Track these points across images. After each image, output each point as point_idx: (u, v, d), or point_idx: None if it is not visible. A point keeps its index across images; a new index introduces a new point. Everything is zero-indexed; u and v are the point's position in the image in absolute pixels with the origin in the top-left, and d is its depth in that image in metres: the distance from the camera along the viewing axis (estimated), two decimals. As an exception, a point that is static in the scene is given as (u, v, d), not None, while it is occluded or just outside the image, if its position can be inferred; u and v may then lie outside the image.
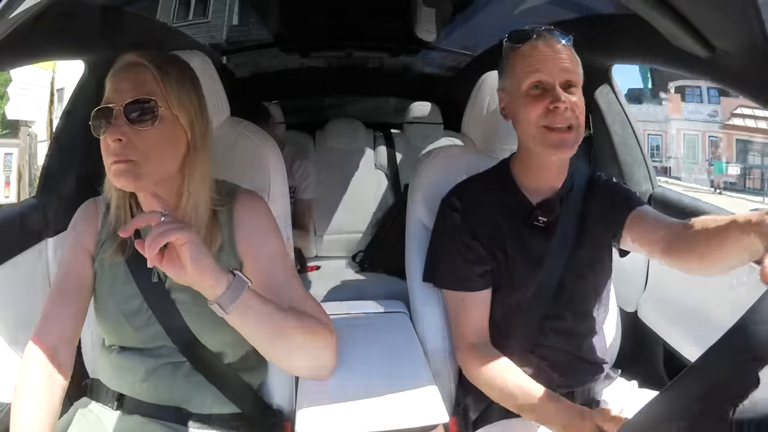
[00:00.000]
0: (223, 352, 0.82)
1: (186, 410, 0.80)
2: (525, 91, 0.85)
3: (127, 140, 0.70)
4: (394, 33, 2.16)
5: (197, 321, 0.79)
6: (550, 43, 0.86)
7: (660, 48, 0.89)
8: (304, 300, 0.80)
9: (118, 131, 0.70)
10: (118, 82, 0.74)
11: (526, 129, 0.86)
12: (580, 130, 0.86)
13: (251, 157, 1.03)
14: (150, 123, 0.72)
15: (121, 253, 0.80)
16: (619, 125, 1.31)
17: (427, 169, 1.08)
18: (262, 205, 0.84)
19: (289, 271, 0.82)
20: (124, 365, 0.82)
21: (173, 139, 0.75)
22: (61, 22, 1.02)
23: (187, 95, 0.77)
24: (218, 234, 0.79)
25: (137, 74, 0.74)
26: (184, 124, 0.76)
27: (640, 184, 1.30)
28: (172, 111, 0.74)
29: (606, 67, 1.29)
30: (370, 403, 0.79)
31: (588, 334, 0.91)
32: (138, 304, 0.80)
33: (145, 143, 0.72)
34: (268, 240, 0.82)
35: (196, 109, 0.78)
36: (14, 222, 1.13)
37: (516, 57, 0.88)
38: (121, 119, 0.71)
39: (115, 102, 0.72)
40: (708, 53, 0.78)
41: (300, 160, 2.02)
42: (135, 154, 0.71)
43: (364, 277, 1.93)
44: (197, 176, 0.77)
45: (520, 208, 0.91)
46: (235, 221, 0.81)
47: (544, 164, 0.90)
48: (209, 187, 0.79)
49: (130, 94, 0.72)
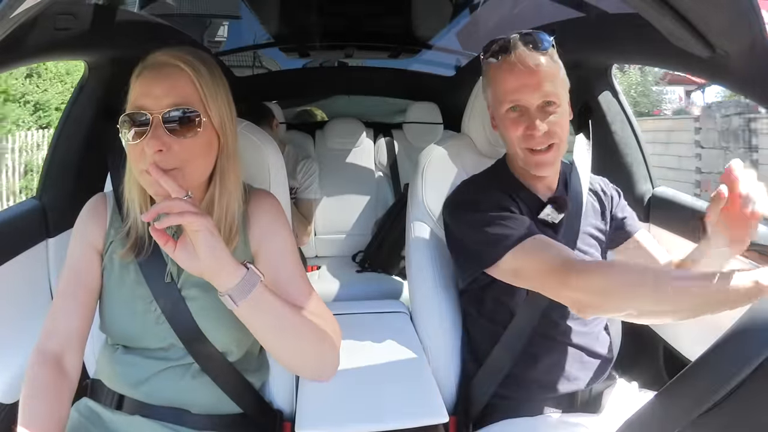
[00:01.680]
0: (229, 350, 0.82)
1: (187, 411, 0.80)
2: (504, 113, 0.86)
3: (168, 150, 0.68)
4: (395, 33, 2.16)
5: (206, 319, 0.78)
6: (528, 58, 0.82)
7: (660, 48, 0.89)
8: (310, 298, 0.80)
9: (158, 142, 0.67)
10: (150, 85, 0.70)
11: (511, 147, 0.89)
12: (563, 146, 0.87)
13: (251, 156, 1.03)
14: (193, 133, 0.70)
15: (134, 253, 0.79)
16: (619, 125, 1.31)
17: (426, 169, 1.08)
18: (273, 202, 0.85)
19: (297, 268, 0.82)
20: (127, 366, 0.81)
21: (209, 144, 0.74)
22: (61, 22, 1.02)
23: (222, 98, 0.75)
24: (238, 232, 0.79)
25: (172, 77, 0.71)
26: (218, 128, 0.75)
27: (640, 183, 1.30)
28: (210, 117, 0.73)
29: (606, 67, 1.29)
30: (370, 403, 0.79)
31: (591, 333, 0.91)
32: (148, 304, 0.79)
33: (185, 152, 0.70)
34: (279, 236, 0.82)
35: (228, 112, 0.76)
36: (14, 222, 1.14)
37: (494, 73, 0.87)
38: (160, 129, 0.68)
39: (149, 108, 0.69)
40: (708, 53, 0.78)
41: (303, 160, 2.02)
42: (176, 162, 0.69)
43: (364, 277, 1.93)
44: (231, 179, 0.77)
45: (530, 201, 0.91)
46: (248, 218, 0.81)
47: (533, 173, 0.91)
48: (240, 189, 0.79)
49: (167, 101, 0.69)
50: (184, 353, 0.79)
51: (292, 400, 0.93)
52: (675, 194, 1.22)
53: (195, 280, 0.78)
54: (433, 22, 2.10)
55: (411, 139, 2.34)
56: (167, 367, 0.80)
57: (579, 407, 0.88)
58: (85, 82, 1.27)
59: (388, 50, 2.38)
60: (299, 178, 1.98)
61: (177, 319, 0.78)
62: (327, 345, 0.77)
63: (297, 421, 0.76)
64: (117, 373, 0.82)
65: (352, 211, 2.18)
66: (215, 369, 0.80)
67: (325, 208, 2.14)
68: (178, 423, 0.79)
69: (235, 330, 0.76)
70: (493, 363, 0.89)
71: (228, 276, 0.67)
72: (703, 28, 0.73)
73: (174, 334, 0.78)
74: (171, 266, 0.79)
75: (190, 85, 0.71)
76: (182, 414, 0.79)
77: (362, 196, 2.21)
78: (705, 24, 0.73)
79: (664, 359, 1.17)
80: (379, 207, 2.19)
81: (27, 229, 1.16)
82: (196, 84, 0.71)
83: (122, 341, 0.82)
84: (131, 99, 0.71)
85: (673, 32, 0.79)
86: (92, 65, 1.24)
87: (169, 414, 0.79)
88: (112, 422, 0.81)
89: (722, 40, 0.74)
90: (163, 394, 0.80)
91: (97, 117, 1.25)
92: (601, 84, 1.31)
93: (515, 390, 0.88)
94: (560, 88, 0.86)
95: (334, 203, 2.17)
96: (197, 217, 0.64)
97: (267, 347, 0.77)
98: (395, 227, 1.92)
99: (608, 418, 0.86)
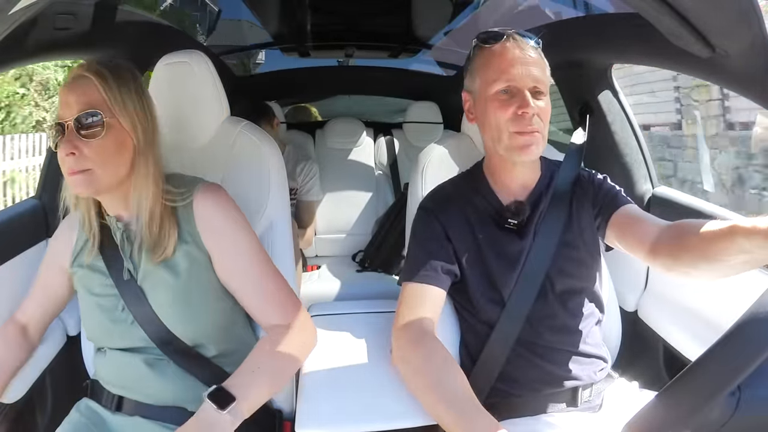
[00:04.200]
0: (201, 344, 0.84)
1: (186, 410, 0.80)
2: (493, 95, 0.86)
3: (79, 153, 0.75)
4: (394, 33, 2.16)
5: (168, 314, 0.81)
6: (520, 44, 0.86)
7: (660, 48, 0.89)
8: (269, 291, 0.85)
9: (70, 145, 0.75)
10: (65, 95, 0.77)
11: (495, 132, 0.88)
12: (544, 140, 0.88)
13: (251, 156, 1.03)
14: (99, 134, 0.76)
15: (99, 254, 0.84)
16: (619, 125, 1.31)
17: (426, 168, 1.08)
18: (219, 197, 0.85)
19: (260, 265, 0.85)
20: (118, 366, 0.83)
21: (121, 145, 0.79)
22: (61, 22, 1.02)
23: (130, 100, 0.80)
24: (174, 228, 0.82)
25: (82, 86, 0.77)
26: (129, 129, 0.80)
27: (640, 183, 1.30)
28: (117, 119, 0.78)
29: (606, 67, 1.29)
30: (370, 403, 0.79)
31: (584, 331, 0.91)
32: (115, 301, 0.82)
33: (95, 153, 0.76)
34: (232, 233, 0.84)
35: (139, 113, 0.81)
36: (14, 222, 1.13)
37: (485, 58, 0.89)
38: (72, 133, 0.75)
39: (63, 117, 0.76)
40: (708, 53, 0.78)
41: (303, 161, 2.01)
42: (88, 164, 0.76)
43: (364, 276, 1.93)
44: (142, 175, 0.81)
45: (491, 209, 0.93)
46: (195, 215, 0.83)
47: (511, 166, 0.92)
48: (154, 184, 0.82)
49: (77, 108, 0.76)
50: (155, 347, 0.81)
51: (292, 400, 0.93)
52: (675, 194, 1.22)
53: (153, 275, 0.81)
54: (433, 22, 2.10)
55: (411, 138, 2.34)
56: (148, 365, 0.81)
57: (579, 406, 0.88)
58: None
59: (388, 50, 2.38)
60: (299, 179, 1.98)
61: (142, 315, 0.81)
62: (302, 353, 0.85)
63: (297, 420, 0.76)
64: (109, 374, 0.84)
65: (353, 211, 2.18)
66: (195, 366, 0.82)
67: (325, 207, 2.14)
68: (178, 423, 0.79)
69: (202, 326, 0.81)
70: (485, 361, 0.89)
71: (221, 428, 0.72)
72: (703, 28, 0.73)
73: (144, 335, 0.81)
74: (127, 263, 0.82)
75: (96, 91, 0.77)
76: (181, 413, 0.79)
77: (362, 195, 2.21)
78: (705, 24, 0.73)
79: (664, 359, 1.17)
80: (379, 207, 2.19)
81: (27, 229, 1.16)
82: (101, 89, 0.77)
83: (104, 343, 0.85)
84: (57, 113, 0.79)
85: (673, 32, 0.79)
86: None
87: (168, 414, 0.80)
88: (112, 423, 0.81)
89: (722, 40, 0.74)
90: (155, 392, 0.81)
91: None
92: (601, 84, 1.31)
93: (515, 390, 0.88)
94: (547, 82, 0.88)
95: (335, 203, 2.17)
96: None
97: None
98: (395, 227, 1.93)
99: (608, 417, 0.86)
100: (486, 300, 0.88)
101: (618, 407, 0.86)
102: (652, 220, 0.85)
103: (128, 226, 0.84)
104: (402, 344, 0.84)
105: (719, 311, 0.99)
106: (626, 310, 1.24)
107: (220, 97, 1.02)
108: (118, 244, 0.83)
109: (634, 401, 0.84)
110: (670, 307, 1.14)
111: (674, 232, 0.77)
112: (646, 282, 1.24)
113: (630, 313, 1.24)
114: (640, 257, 0.84)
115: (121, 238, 0.83)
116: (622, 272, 1.18)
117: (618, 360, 1.06)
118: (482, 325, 0.91)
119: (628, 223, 0.88)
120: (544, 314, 0.88)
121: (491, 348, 0.88)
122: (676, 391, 0.55)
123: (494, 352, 0.88)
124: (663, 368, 1.17)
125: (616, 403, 0.88)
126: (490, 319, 0.89)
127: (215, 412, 0.72)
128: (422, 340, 0.82)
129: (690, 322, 1.06)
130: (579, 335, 0.90)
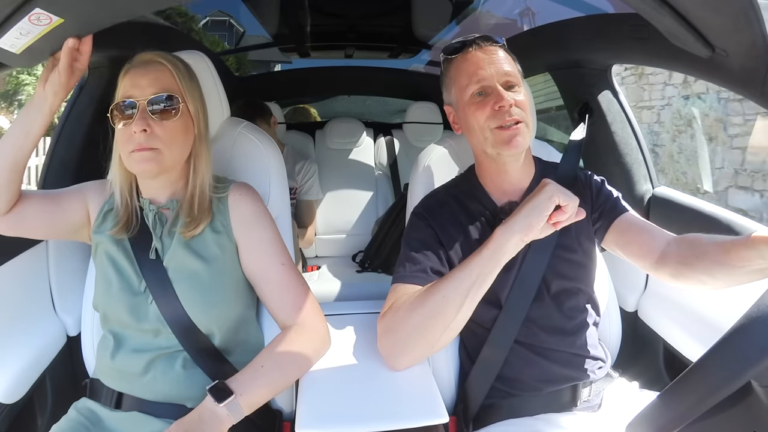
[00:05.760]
0: (210, 331, 0.85)
1: (185, 408, 0.80)
2: (469, 99, 0.89)
3: (150, 131, 0.80)
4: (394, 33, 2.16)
5: (190, 299, 0.83)
6: (484, 47, 0.90)
7: (660, 48, 0.89)
8: (290, 287, 0.87)
9: (143, 123, 0.80)
10: (137, 78, 0.82)
11: (479, 134, 0.89)
12: (529, 131, 0.89)
13: (251, 156, 1.03)
14: (173, 116, 0.82)
15: (126, 232, 0.86)
16: (619, 125, 1.31)
17: (426, 169, 1.08)
18: (252, 194, 0.92)
19: (281, 257, 0.89)
20: (121, 359, 0.83)
21: (187, 130, 0.85)
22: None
23: (197, 90, 0.88)
24: (208, 217, 0.87)
25: (156, 71, 0.83)
26: (194, 116, 0.86)
27: (640, 183, 1.30)
28: (187, 105, 0.85)
29: (606, 67, 1.29)
30: (370, 403, 0.79)
31: (581, 331, 0.91)
32: (137, 281, 0.85)
33: (167, 134, 0.81)
34: (258, 225, 0.90)
35: (201, 103, 0.88)
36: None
37: (455, 68, 0.93)
38: (145, 113, 0.80)
39: (136, 96, 0.81)
40: (708, 53, 0.78)
41: (303, 161, 2.01)
42: (158, 143, 0.81)
43: (364, 277, 1.93)
44: (203, 162, 0.88)
45: (486, 212, 0.93)
46: (229, 208, 0.89)
47: (503, 167, 0.92)
48: (211, 171, 0.89)
49: (151, 90, 0.81)
50: (172, 340, 0.83)
51: (292, 400, 0.93)
52: (675, 194, 1.22)
53: (179, 257, 0.84)
54: (433, 23, 2.10)
55: (411, 139, 2.34)
56: (158, 356, 0.82)
57: (578, 405, 0.88)
58: (84, 82, 1.27)
59: (388, 50, 2.38)
60: (299, 179, 1.98)
61: (163, 297, 0.83)
62: (311, 359, 0.86)
63: (297, 421, 0.76)
64: (112, 367, 0.84)
65: (353, 211, 2.18)
66: (204, 357, 0.83)
67: (325, 208, 2.14)
68: (175, 418, 0.79)
69: (217, 312, 0.84)
70: (484, 361, 0.89)
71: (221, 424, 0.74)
72: (703, 28, 0.73)
73: (161, 316, 0.82)
74: (156, 242, 0.86)
75: (171, 77, 0.83)
76: (180, 410, 0.79)
77: (362, 196, 2.21)
78: (705, 24, 0.73)
79: (664, 359, 1.17)
80: (379, 207, 2.19)
81: None
82: (176, 77, 0.84)
83: (115, 322, 0.85)
84: (120, 93, 0.83)
85: (673, 32, 0.79)
86: (92, 65, 1.24)
87: (168, 410, 0.80)
88: (111, 420, 0.81)
89: (722, 40, 0.74)
90: (158, 387, 0.81)
91: (96, 116, 1.26)
92: (601, 84, 1.31)
93: (514, 390, 0.88)
94: (519, 76, 0.91)
95: (335, 203, 2.17)
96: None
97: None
98: (395, 227, 1.92)
99: (608, 417, 0.86)
100: (483, 302, 0.88)
101: (617, 407, 0.86)
102: (657, 231, 0.88)
103: (161, 209, 0.88)
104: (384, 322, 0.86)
105: (719, 311, 0.99)
106: (626, 310, 1.24)
107: (221, 97, 1.02)
108: (150, 224, 0.87)
109: (633, 401, 0.84)
110: (670, 307, 1.14)
111: (686, 242, 0.82)
112: (646, 282, 1.24)
113: (630, 313, 1.24)
114: (643, 266, 0.88)
115: (154, 219, 0.87)
116: (622, 273, 1.18)
117: (618, 360, 1.06)
118: (480, 327, 0.91)
119: (630, 233, 0.90)
120: (541, 315, 0.89)
121: (490, 349, 0.89)
122: (678, 391, 0.55)
123: (493, 352, 0.89)
124: (663, 368, 1.17)
125: (616, 403, 0.88)
126: (488, 321, 0.89)
127: (212, 404, 0.74)
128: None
129: (690, 323, 1.06)
130: (576, 336, 0.90)
